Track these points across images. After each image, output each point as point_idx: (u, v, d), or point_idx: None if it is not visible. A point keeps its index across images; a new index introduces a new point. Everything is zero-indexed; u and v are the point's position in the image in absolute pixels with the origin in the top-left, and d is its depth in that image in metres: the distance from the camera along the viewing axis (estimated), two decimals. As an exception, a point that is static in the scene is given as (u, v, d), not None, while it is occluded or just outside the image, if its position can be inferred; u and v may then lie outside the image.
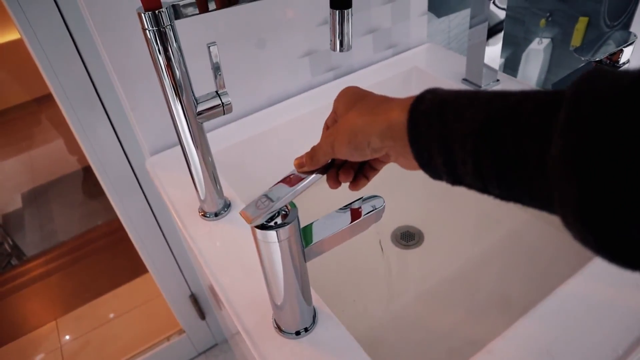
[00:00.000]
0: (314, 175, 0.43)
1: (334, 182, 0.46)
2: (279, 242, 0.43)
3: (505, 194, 0.30)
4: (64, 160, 2.55)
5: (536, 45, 1.45)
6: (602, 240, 0.23)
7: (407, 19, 0.99)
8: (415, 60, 0.99)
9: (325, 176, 0.46)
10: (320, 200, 0.87)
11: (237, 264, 0.61)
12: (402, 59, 1.00)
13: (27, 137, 2.84)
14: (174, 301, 1.22)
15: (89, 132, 0.88)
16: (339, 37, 0.62)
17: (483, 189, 0.32)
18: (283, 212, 0.43)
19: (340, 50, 0.63)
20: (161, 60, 0.54)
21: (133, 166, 0.96)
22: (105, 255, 1.94)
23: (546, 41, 1.48)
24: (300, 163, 0.45)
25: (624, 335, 0.47)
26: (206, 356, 1.40)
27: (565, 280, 0.54)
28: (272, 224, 0.42)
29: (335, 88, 0.92)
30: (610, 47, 0.62)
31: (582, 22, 1.58)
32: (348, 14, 0.60)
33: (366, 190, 0.47)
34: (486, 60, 0.85)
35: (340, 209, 0.48)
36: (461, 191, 0.86)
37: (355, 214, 0.47)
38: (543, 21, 1.43)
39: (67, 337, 1.58)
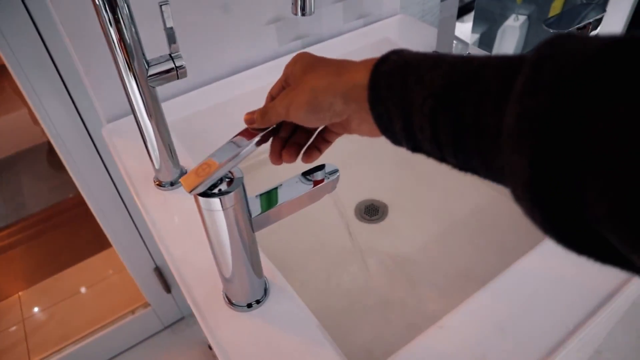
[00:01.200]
0: (257, 139, 0.40)
1: (276, 158, 0.42)
2: (223, 210, 0.41)
3: (462, 163, 0.29)
4: (30, 131, 2.47)
5: (512, 22, 1.44)
6: (550, 219, 0.22)
7: (379, -12, 0.96)
8: (387, 31, 0.96)
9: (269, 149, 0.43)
10: (282, 167, 0.85)
11: (190, 235, 0.59)
12: (373, 29, 0.97)
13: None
14: (138, 274, 1.20)
15: (43, 100, 0.83)
16: (300, 1, 0.59)
17: (441, 157, 0.30)
18: (227, 179, 0.41)
19: (302, 14, 0.61)
20: (107, 18, 0.50)
21: (92, 135, 0.92)
22: (72, 228, 1.90)
23: (522, 18, 1.47)
24: (250, 119, 0.42)
25: (576, 311, 0.47)
26: (172, 330, 1.39)
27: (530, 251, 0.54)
28: (215, 191, 0.40)
29: (302, 58, 0.90)
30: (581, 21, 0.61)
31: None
32: (309, -25, 0.57)
33: (329, 162, 0.45)
34: (457, 34, 0.83)
35: (293, 178, 0.46)
36: (427, 165, 0.85)
37: (308, 183, 0.45)
38: (520, -3, 1.41)
39: (31, 310, 1.55)
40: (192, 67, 0.82)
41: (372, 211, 0.79)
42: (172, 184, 0.66)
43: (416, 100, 0.29)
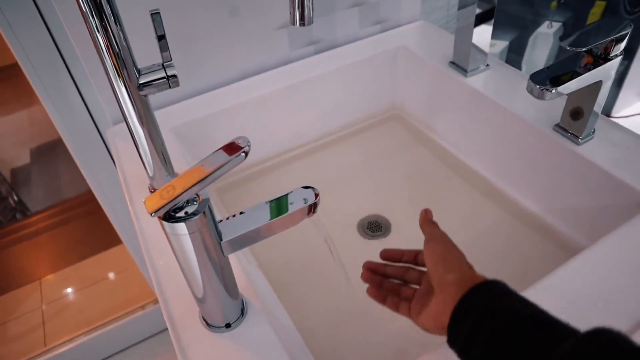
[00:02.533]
0: (233, 159, 0.38)
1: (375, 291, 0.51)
2: (189, 234, 0.39)
3: None
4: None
5: (545, 28, 1.37)
6: None
7: (398, -7, 0.92)
8: (404, 38, 0.93)
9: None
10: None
11: (175, 247, 0.58)
12: (391, 36, 0.94)
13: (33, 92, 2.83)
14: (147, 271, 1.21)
15: (54, 97, 0.84)
16: (298, 9, 0.57)
17: None
18: (194, 201, 0.39)
19: (301, 24, 0.58)
20: (94, 24, 0.49)
21: (102, 134, 0.92)
22: (97, 218, 1.94)
23: (557, 25, 1.40)
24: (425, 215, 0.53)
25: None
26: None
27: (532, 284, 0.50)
28: (181, 213, 0.38)
29: (315, 63, 0.87)
30: (600, 37, 0.56)
31: (599, 6, 1.49)
32: (307, -15, 0.55)
33: (334, 175, 0.43)
34: (477, 43, 0.78)
35: (269, 200, 0.44)
36: (436, 183, 0.81)
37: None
38: (554, 3, 1.34)
39: (50, 297, 1.59)
40: (200, 71, 0.81)
41: (375, 227, 0.76)
42: (166, 191, 0.65)
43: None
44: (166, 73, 0.56)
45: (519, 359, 0.31)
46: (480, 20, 0.79)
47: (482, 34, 0.78)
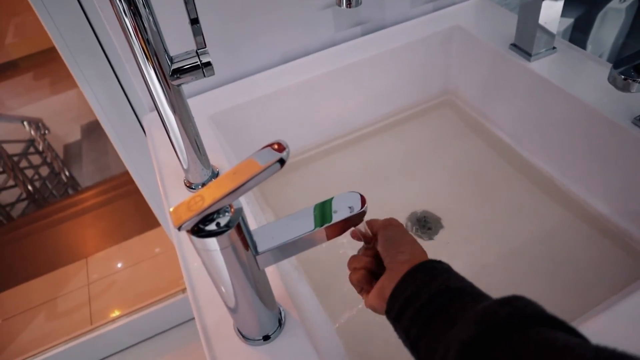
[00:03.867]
0: (269, 168, 0.33)
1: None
2: (220, 249, 0.35)
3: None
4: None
5: (617, 3, 1.24)
6: None
7: (454, -33, 0.84)
8: (459, 18, 0.85)
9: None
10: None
11: (210, 248, 0.54)
12: (444, 15, 0.86)
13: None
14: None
15: (92, 83, 0.82)
16: (345, -6, 0.51)
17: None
18: (226, 212, 0.35)
19: (348, 6, 0.53)
20: (122, 8, 0.45)
21: (140, 120, 0.90)
22: (139, 198, 1.97)
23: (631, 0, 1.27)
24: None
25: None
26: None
27: (605, 301, 0.44)
28: (213, 226, 0.34)
29: (362, 46, 0.81)
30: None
31: (679, -23, 1.33)
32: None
33: (379, 166, 0.38)
34: (543, 22, 0.70)
35: (311, 207, 0.40)
36: (490, 177, 0.74)
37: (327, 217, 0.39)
38: (629, -26, 1.21)
39: (95, 275, 1.62)
40: (239, 55, 0.77)
41: (424, 225, 0.71)
42: (203, 185, 0.62)
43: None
44: (200, 60, 0.52)
45: (440, 321, 0.33)
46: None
47: (551, 10, 0.69)
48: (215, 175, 0.63)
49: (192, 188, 0.62)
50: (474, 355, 0.29)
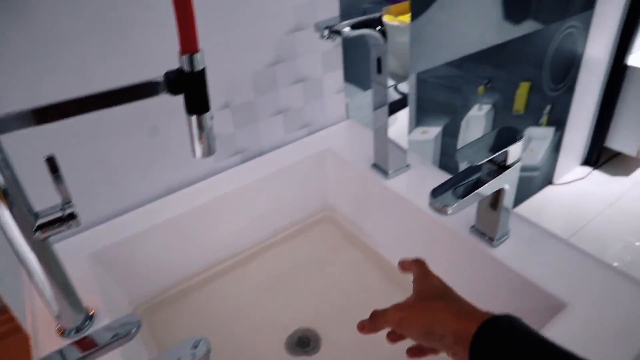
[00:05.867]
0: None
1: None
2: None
3: None
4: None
5: (476, 111, 1.44)
6: None
7: (321, 97, 0.96)
8: (331, 140, 0.95)
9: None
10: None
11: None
12: (317, 138, 0.96)
13: None
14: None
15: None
16: (199, 143, 0.57)
17: None
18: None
19: (203, 157, 0.59)
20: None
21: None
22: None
23: (487, 107, 1.47)
24: (361, 326, 0.51)
25: None
26: None
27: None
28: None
29: (242, 172, 0.88)
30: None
31: (524, 87, 1.58)
32: (206, 118, 0.56)
33: (264, 285, 0.40)
34: (393, 145, 0.80)
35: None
36: (368, 289, 0.79)
37: None
38: (481, 88, 1.41)
39: None
40: (123, 190, 0.80)
41: (304, 343, 0.74)
42: (77, 330, 0.62)
43: None
44: (64, 213, 0.54)
45: None
46: (396, 109, 0.79)
47: (398, 133, 0.80)
48: (89, 317, 0.63)
49: (64, 335, 0.62)
50: None
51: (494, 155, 0.58)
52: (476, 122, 1.46)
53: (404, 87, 0.76)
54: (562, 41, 1.61)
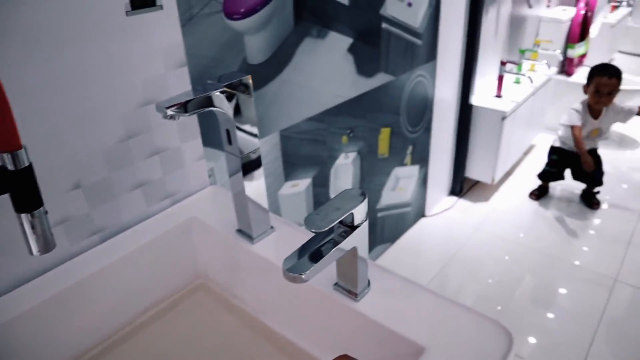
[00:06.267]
0: None
1: None
2: None
3: None
4: None
5: (343, 160, 1.52)
6: None
7: (182, 166, 0.95)
8: (195, 208, 0.94)
9: None
10: None
11: None
12: (182, 207, 0.94)
13: None
14: None
15: None
16: (35, 240, 0.53)
17: None
18: None
19: (41, 254, 0.55)
20: None
21: None
22: None
23: (352, 154, 1.56)
24: None
25: None
26: None
27: None
28: None
29: (103, 252, 0.83)
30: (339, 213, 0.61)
31: (385, 132, 1.70)
32: (40, 214, 0.52)
33: None
34: (255, 210, 0.81)
35: None
36: (248, 356, 0.71)
37: None
38: (345, 138, 1.50)
39: None
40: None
41: None
42: None
43: None
44: None
45: None
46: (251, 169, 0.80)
47: (257, 193, 0.81)
48: None
49: None
50: None
51: (342, 218, 0.61)
52: (344, 170, 1.54)
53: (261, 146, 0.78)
54: (413, 89, 1.78)
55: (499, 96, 2.37)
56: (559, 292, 1.93)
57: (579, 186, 2.52)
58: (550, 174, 2.49)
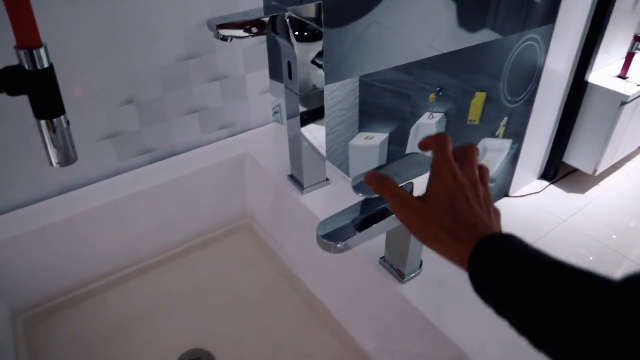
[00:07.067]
0: None
1: None
2: None
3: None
4: None
5: (427, 119, 1.38)
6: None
7: (244, 97, 0.87)
8: (252, 144, 0.87)
9: None
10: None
11: None
12: (238, 141, 0.88)
13: None
14: None
15: None
16: (55, 150, 0.49)
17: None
18: None
19: (60, 165, 0.50)
20: None
21: None
22: None
23: (438, 115, 1.41)
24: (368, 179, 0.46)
25: None
26: None
27: None
28: None
29: (150, 173, 0.80)
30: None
31: (480, 97, 1.52)
32: (61, 123, 0.47)
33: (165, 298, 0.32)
34: (310, 158, 0.73)
35: None
36: (276, 309, 0.70)
37: None
38: (433, 95, 1.35)
39: None
40: (8, 185, 0.71)
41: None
42: None
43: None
44: None
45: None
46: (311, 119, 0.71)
47: (316, 144, 0.73)
48: None
49: None
50: None
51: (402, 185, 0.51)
52: (426, 130, 1.40)
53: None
54: (521, 53, 1.56)
55: (623, 77, 2.05)
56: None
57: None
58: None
